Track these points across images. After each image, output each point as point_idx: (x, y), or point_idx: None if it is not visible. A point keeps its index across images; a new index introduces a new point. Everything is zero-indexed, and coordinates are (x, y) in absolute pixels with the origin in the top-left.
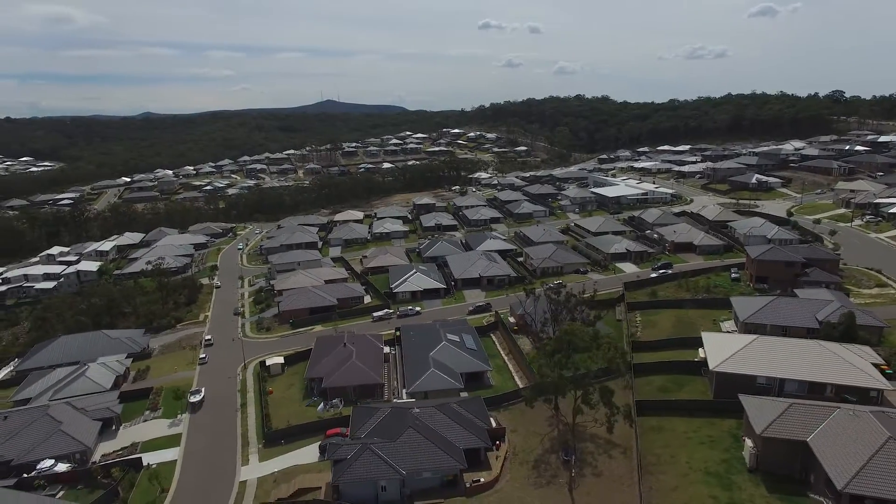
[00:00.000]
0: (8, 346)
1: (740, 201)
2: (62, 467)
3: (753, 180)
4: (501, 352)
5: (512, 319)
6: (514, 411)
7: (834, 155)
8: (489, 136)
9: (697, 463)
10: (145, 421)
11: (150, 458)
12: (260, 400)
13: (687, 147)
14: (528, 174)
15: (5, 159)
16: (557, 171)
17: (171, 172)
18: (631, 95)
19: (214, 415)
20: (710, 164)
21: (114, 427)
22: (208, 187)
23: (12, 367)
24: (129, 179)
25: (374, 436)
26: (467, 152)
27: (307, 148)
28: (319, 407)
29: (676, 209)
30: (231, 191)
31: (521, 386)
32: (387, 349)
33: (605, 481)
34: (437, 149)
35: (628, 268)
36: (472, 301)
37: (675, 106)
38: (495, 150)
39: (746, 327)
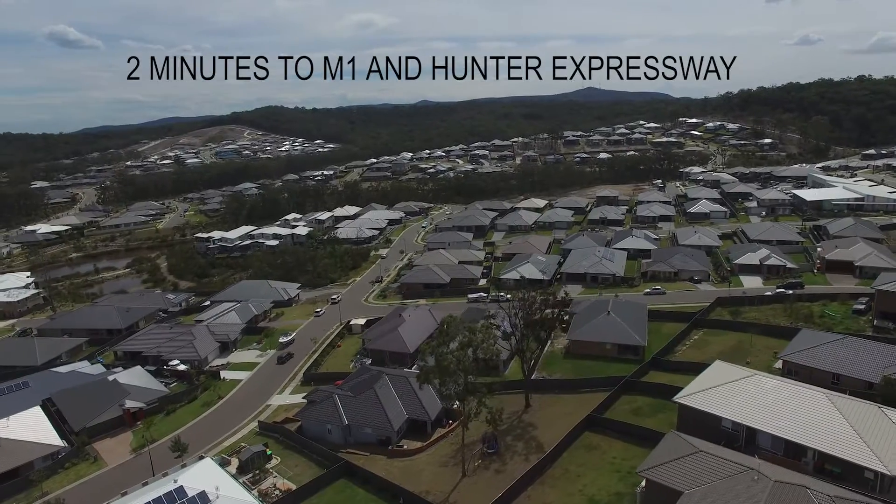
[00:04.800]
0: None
1: None
2: (181, 367)
3: None
4: None
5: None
6: (498, 400)
7: None
8: (731, 126)
9: (592, 488)
10: (248, 350)
11: (227, 375)
12: (325, 350)
13: None
14: (748, 171)
15: (305, 142)
16: (780, 169)
17: (409, 155)
18: None
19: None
20: None
21: (230, 349)
22: (430, 170)
23: (210, 300)
24: (375, 160)
25: (349, 390)
26: (700, 144)
27: (531, 136)
28: (352, 363)
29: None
30: (442, 174)
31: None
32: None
33: (499, 477)
34: (665, 139)
35: (752, 282)
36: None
37: None
38: (733, 142)
39: (786, 366)
